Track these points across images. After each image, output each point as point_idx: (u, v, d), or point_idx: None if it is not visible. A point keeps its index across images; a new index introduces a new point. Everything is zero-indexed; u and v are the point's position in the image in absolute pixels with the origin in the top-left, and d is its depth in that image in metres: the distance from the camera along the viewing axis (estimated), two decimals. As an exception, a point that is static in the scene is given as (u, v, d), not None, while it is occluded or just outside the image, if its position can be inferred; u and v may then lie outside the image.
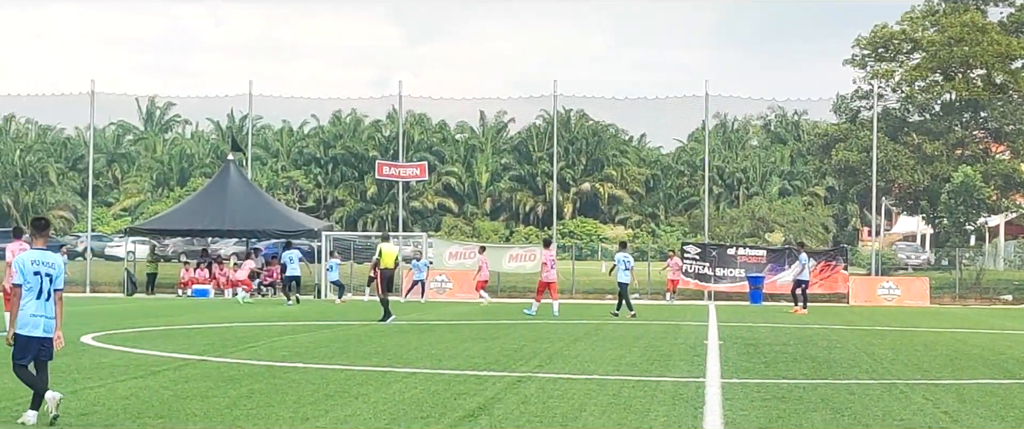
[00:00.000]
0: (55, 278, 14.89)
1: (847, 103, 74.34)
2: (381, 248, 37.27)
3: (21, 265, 14.73)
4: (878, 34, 72.22)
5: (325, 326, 34.61)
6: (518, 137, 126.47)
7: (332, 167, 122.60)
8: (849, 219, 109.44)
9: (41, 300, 14.77)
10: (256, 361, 23.00)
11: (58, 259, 15.10)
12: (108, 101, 76.28)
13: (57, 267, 14.95)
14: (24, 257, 14.83)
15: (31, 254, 14.90)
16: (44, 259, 14.87)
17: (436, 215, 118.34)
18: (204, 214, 61.22)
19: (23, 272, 14.72)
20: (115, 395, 17.51)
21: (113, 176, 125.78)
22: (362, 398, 17.52)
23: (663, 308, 51.70)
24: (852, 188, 77.16)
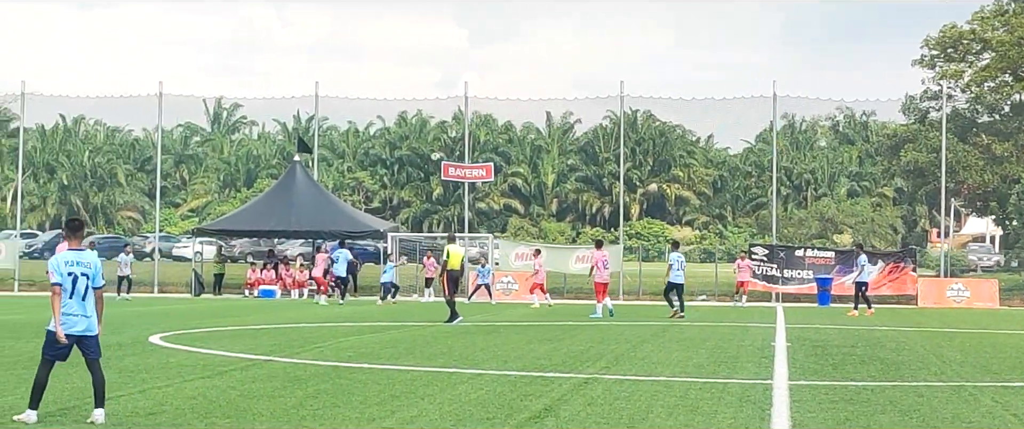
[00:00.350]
0: (92, 277, 15.01)
1: (916, 104, 73.73)
2: (448, 250, 37.12)
3: (55, 266, 14.89)
4: (947, 34, 71.61)
5: (392, 327, 34.64)
6: (584, 138, 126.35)
7: (398, 168, 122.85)
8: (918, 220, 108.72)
9: (75, 299, 14.87)
10: (322, 362, 23.04)
11: (94, 258, 15.22)
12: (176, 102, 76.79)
13: (93, 266, 15.06)
14: (58, 258, 14.97)
15: (65, 255, 15.02)
16: (78, 259, 14.97)
17: (502, 216, 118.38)
18: (270, 215, 61.43)
19: (59, 272, 14.85)
20: (183, 395, 17.57)
21: (181, 177, 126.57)
22: (428, 399, 17.51)
23: (730, 310, 51.41)
24: (921, 189, 76.53)
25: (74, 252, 15.07)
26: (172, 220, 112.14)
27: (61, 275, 14.83)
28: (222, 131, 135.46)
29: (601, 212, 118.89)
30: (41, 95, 72.69)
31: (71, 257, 14.96)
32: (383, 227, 64.79)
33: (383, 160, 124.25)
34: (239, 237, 71.72)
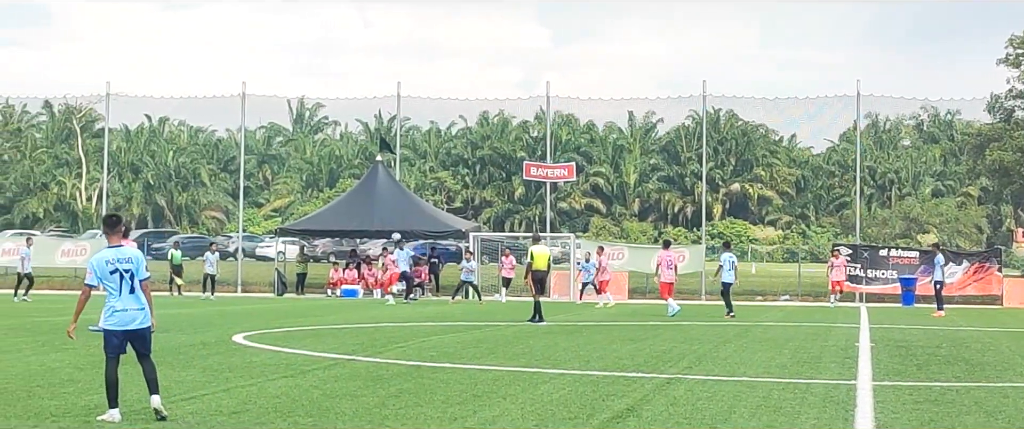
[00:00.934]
0: (136, 270, 15.08)
1: (1001, 103, 72.91)
2: (533, 251, 37.00)
3: (96, 265, 15.02)
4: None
5: (474, 327, 34.66)
6: (666, 137, 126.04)
7: (480, 168, 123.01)
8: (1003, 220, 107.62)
9: (124, 294, 15.00)
10: (405, 361, 23.08)
11: (135, 252, 15.30)
12: (259, 103, 77.19)
13: (135, 260, 15.12)
14: (99, 257, 15.09)
15: (105, 253, 15.12)
16: (118, 256, 15.05)
17: (584, 216, 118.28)
18: (352, 215, 61.65)
19: (97, 272, 14.98)
20: (266, 394, 17.65)
21: (263, 177, 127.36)
22: (510, 398, 17.49)
23: (814, 310, 51.00)
24: (1006, 189, 75.69)
25: (113, 249, 15.15)
26: (255, 220, 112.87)
27: (99, 275, 14.96)
28: (305, 131, 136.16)
29: (683, 212, 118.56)
30: (125, 96, 73.34)
31: (111, 255, 15.06)
32: (465, 227, 64.87)
33: (465, 160, 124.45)
34: (321, 237, 72.02)
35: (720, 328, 35.11)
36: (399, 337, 29.66)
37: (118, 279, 14.94)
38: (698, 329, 34.50)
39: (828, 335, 32.74)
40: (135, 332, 15.09)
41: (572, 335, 31.15)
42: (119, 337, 14.97)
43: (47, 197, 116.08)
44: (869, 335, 32.66)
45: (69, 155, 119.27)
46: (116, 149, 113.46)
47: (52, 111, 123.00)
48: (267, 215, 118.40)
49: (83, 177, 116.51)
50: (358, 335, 30.32)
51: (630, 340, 29.40)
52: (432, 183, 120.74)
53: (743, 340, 30.07)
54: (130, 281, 14.99)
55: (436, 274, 61.27)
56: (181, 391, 17.84)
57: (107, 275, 14.92)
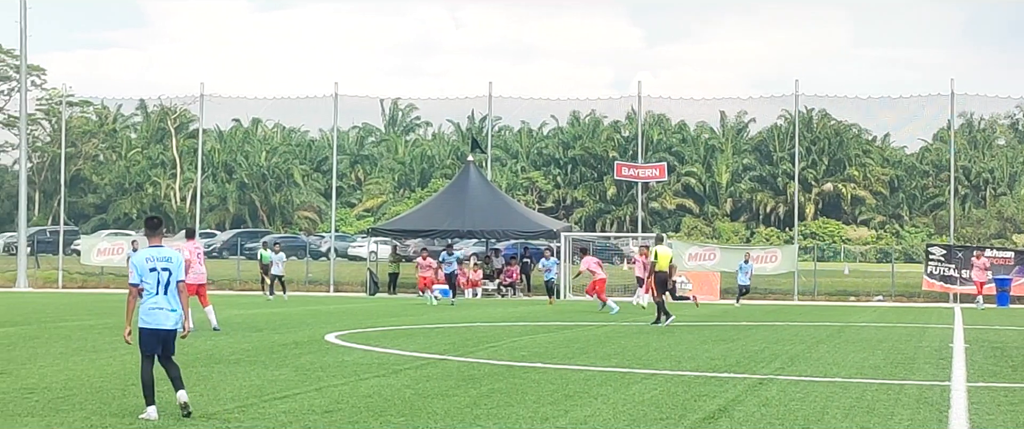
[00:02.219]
0: (174, 271, 15.35)
1: (1100, 101, 71.92)
2: (656, 251, 36.51)
3: (137, 264, 15.32)
4: None
5: (565, 327, 34.66)
6: (759, 137, 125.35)
7: (571, 168, 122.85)
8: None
9: (161, 294, 15.26)
10: (496, 361, 23.11)
11: (174, 253, 15.60)
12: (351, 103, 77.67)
13: (174, 260, 15.41)
14: (139, 256, 15.41)
15: (145, 252, 15.44)
16: (158, 255, 15.34)
17: (675, 216, 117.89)
18: (444, 215, 61.80)
19: (138, 270, 15.27)
20: (358, 393, 17.73)
21: (356, 177, 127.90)
22: (601, 399, 17.48)
23: (908, 310, 50.48)
24: (1105, 187, 74.66)
25: (154, 249, 15.46)
26: (347, 220, 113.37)
27: (141, 274, 15.25)
28: (397, 132, 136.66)
29: (775, 212, 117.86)
30: (219, 97, 74.03)
31: (152, 254, 15.36)
32: (556, 227, 64.85)
33: (556, 160, 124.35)
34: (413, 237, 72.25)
35: (813, 328, 34.91)
36: (491, 337, 29.72)
37: (156, 278, 15.24)
38: (791, 329, 34.32)
39: (922, 336, 32.45)
40: (165, 332, 15.35)
41: (664, 335, 31.07)
42: (157, 336, 15.28)
43: (142, 197, 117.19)
44: (963, 336, 32.34)
45: (164, 156, 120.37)
46: (210, 150, 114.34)
47: (147, 112, 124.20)
48: (359, 215, 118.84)
49: (177, 178, 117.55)
50: (450, 335, 30.40)
51: (722, 340, 29.30)
52: (523, 183, 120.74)
53: (836, 341, 29.88)
54: (166, 281, 15.29)
55: (527, 274, 61.30)
56: (274, 390, 17.97)
57: (146, 273, 15.23)
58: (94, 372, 20.18)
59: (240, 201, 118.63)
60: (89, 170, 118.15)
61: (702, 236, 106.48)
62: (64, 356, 22.93)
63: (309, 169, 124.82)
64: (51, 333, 28.75)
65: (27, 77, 75.21)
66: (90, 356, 23.11)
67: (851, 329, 35.05)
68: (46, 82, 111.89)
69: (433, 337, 29.47)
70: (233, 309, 42.41)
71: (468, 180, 63.47)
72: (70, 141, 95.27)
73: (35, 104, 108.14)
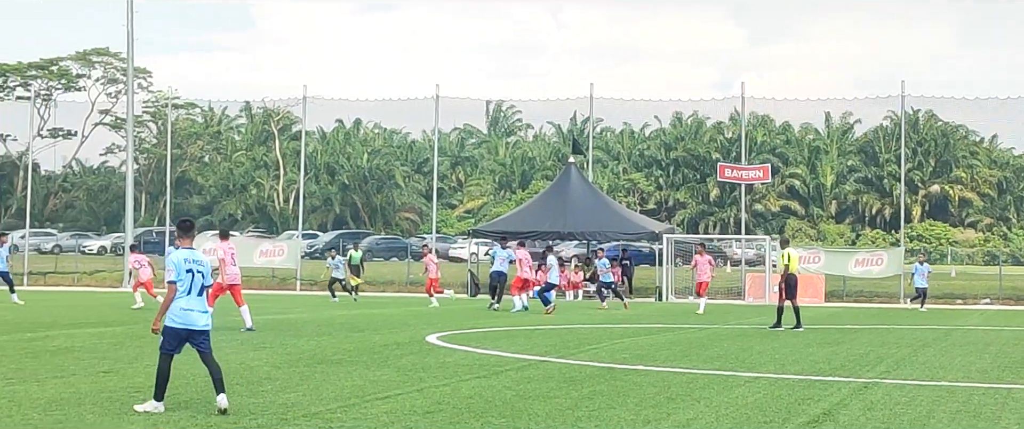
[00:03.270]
0: (206, 275, 15.77)
1: None
2: (789, 253, 35.85)
3: (176, 263, 15.61)
4: None
5: (667, 329, 34.48)
6: (864, 138, 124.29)
7: (673, 169, 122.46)
8: None
9: (192, 295, 15.59)
10: (598, 363, 23.01)
11: (205, 257, 16.06)
12: (452, 105, 77.75)
13: (206, 265, 15.88)
14: (178, 256, 15.69)
15: (183, 253, 15.76)
16: (194, 257, 15.75)
17: (779, 218, 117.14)
18: (545, 216, 61.67)
19: (178, 269, 15.57)
20: (459, 394, 17.70)
21: (457, 179, 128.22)
22: (704, 401, 17.34)
23: (1016, 313, 49.73)
24: None
25: (189, 251, 15.84)
26: (448, 221, 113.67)
27: (179, 273, 15.56)
28: (498, 133, 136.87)
29: (881, 214, 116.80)
30: (321, 99, 74.41)
31: (187, 255, 15.73)
32: (658, 229, 64.57)
33: (658, 161, 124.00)
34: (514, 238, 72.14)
35: (919, 332, 34.49)
36: (592, 339, 29.62)
37: (190, 279, 15.58)
38: (896, 333, 33.93)
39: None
40: (198, 332, 15.65)
41: (767, 338, 30.82)
42: (180, 336, 15.55)
43: (246, 198, 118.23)
44: (1074, 340, 31.81)
45: (267, 157, 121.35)
46: (312, 151, 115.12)
47: (251, 114, 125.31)
48: (460, 216, 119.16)
49: (280, 179, 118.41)
50: (551, 336, 30.32)
51: (826, 343, 29.02)
52: (625, 185, 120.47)
53: (943, 344, 29.50)
54: (200, 282, 15.65)
55: (629, 276, 61.07)
56: (375, 390, 17.98)
57: (183, 273, 15.56)
58: (198, 371, 20.22)
59: (342, 202, 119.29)
60: (194, 171, 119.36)
61: (807, 239, 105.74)
62: (168, 355, 23.05)
63: (410, 170, 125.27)
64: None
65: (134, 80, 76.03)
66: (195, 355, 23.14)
67: (958, 332, 34.61)
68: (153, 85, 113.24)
69: (534, 339, 29.40)
70: (335, 310, 42.62)
71: (569, 182, 63.31)
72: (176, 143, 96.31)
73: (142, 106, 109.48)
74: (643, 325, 36.12)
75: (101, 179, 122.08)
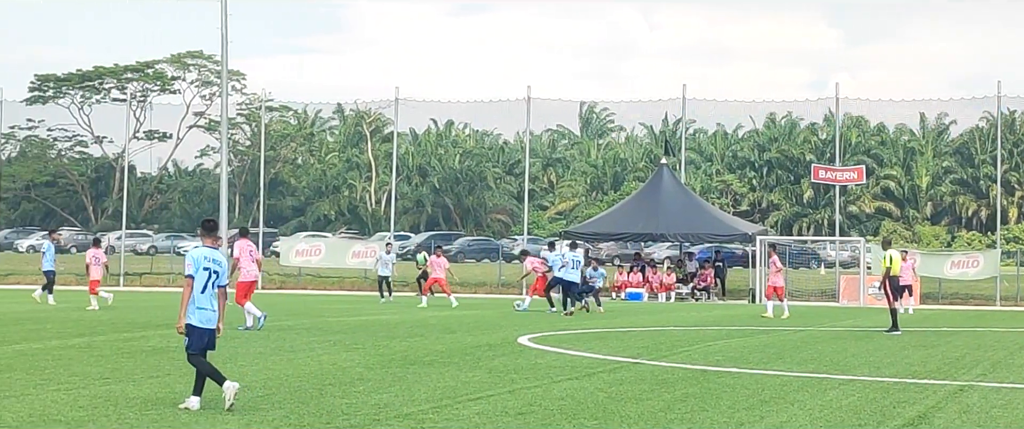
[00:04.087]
0: (220, 275, 16.09)
1: None
2: (891, 255, 35.45)
3: (195, 259, 15.98)
4: None
5: (761, 331, 34.29)
6: (960, 139, 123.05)
7: (767, 170, 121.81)
8: None
9: (207, 294, 15.96)
10: (690, 365, 22.92)
11: (223, 257, 16.35)
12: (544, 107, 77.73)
13: (223, 265, 16.21)
14: (198, 253, 16.07)
15: (203, 251, 16.14)
16: (213, 256, 16.14)
17: (874, 219, 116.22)
18: (637, 218, 61.48)
19: (196, 265, 15.95)
20: (551, 396, 17.69)
21: (548, 180, 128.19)
22: (797, 404, 17.23)
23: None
24: None
25: (209, 249, 16.21)
26: (540, 223, 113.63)
27: (197, 269, 15.92)
28: (590, 135, 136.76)
29: (977, 215, 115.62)
30: (413, 101, 74.69)
31: (208, 253, 16.11)
32: (751, 230, 64.20)
33: (751, 162, 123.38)
34: (606, 240, 72.09)
35: (1016, 334, 34.08)
36: (684, 341, 29.51)
37: (206, 277, 15.95)
38: (993, 335, 33.55)
39: None
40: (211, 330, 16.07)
41: (861, 341, 30.57)
42: (207, 335, 15.97)
43: (338, 200, 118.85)
44: None
45: (359, 158, 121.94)
46: (404, 153, 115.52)
47: (344, 116, 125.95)
48: (552, 218, 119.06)
49: (372, 180, 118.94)
50: (643, 338, 30.24)
51: (922, 346, 28.76)
52: (718, 186, 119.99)
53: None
54: (214, 282, 16.02)
55: (722, 278, 60.81)
56: (467, 391, 18.01)
57: (200, 270, 15.93)
58: (292, 372, 20.42)
59: (434, 204, 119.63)
60: (287, 173, 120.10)
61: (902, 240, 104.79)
62: (263, 356, 23.24)
63: (502, 172, 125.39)
64: (250, 333, 29.18)
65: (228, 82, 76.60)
66: (288, 356, 23.41)
67: (1056, 336, 34.17)
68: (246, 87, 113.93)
69: (626, 340, 29.34)
70: (427, 311, 42.75)
71: (661, 183, 63.07)
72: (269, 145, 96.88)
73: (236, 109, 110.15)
74: (736, 327, 35.95)
75: (195, 181, 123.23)
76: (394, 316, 38.53)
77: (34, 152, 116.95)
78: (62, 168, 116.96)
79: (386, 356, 23.56)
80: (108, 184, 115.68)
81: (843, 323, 38.22)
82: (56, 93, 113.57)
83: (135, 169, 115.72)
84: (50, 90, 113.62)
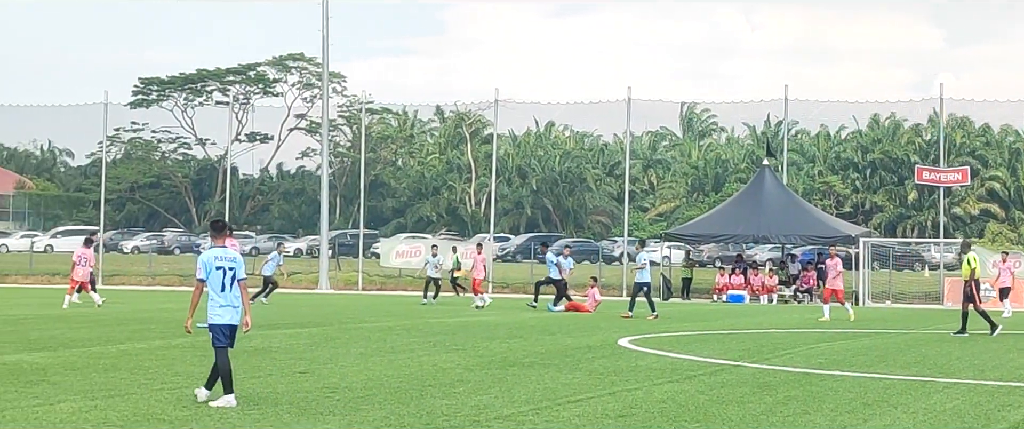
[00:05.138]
0: (236, 270, 16.41)
1: None
2: (972, 257, 35.07)
3: (205, 262, 16.41)
4: None
5: (862, 334, 33.99)
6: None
7: (870, 172, 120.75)
8: None
9: (225, 292, 16.34)
10: (792, 368, 22.76)
11: (236, 254, 16.70)
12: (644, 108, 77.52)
13: (237, 261, 16.54)
14: (207, 255, 16.50)
15: (213, 251, 16.54)
16: (224, 255, 16.54)
17: (979, 221, 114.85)
18: (738, 220, 61.20)
19: (206, 268, 16.37)
20: (652, 398, 17.62)
21: (648, 181, 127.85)
22: (901, 408, 17.06)
23: None
24: None
25: (219, 249, 16.59)
26: (640, 224, 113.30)
27: (209, 271, 16.34)
28: (692, 136, 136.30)
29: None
30: (513, 102, 74.80)
31: (218, 253, 16.50)
32: (854, 232, 63.67)
33: (854, 164, 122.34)
34: (707, 242, 71.85)
35: (1125, 339, 33.52)
36: (786, 343, 29.30)
37: (220, 276, 16.34)
38: (1101, 339, 33.03)
39: None
40: (232, 326, 16.44)
41: (965, 344, 30.19)
42: (226, 331, 16.33)
43: (438, 201, 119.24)
44: None
45: (459, 160, 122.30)
46: (504, 154, 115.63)
47: (443, 118, 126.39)
48: (652, 219, 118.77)
49: (472, 182, 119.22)
50: (744, 341, 30.06)
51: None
52: (820, 188, 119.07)
53: None
54: (231, 279, 16.37)
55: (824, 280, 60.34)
56: (567, 394, 17.98)
57: (213, 271, 16.33)
58: (392, 372, 20.49)
59: (533, 205, 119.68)
60: (387, 175, 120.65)
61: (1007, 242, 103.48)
62: (364, 356, 23.35)
63: (602, 173, 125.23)
64: (351, 334, 29.35)
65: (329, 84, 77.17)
66: (389, 357, 23.50)
67: None
68: (347, 89, 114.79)
69: (727, 343, 29.18)
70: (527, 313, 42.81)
71: (763, 184, 62.72)
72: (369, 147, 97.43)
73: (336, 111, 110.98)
74: (838, 330, 35.65)
75: (296, 183, 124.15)
76: (493, 317, 38.57)
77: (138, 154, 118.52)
78: (166, 170, 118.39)
79: (486, 357, 23.58)
80: (211, 186, 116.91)
81: (947, 326, 37.77)
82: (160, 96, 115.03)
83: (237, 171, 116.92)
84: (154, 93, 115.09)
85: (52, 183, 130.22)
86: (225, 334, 16.33)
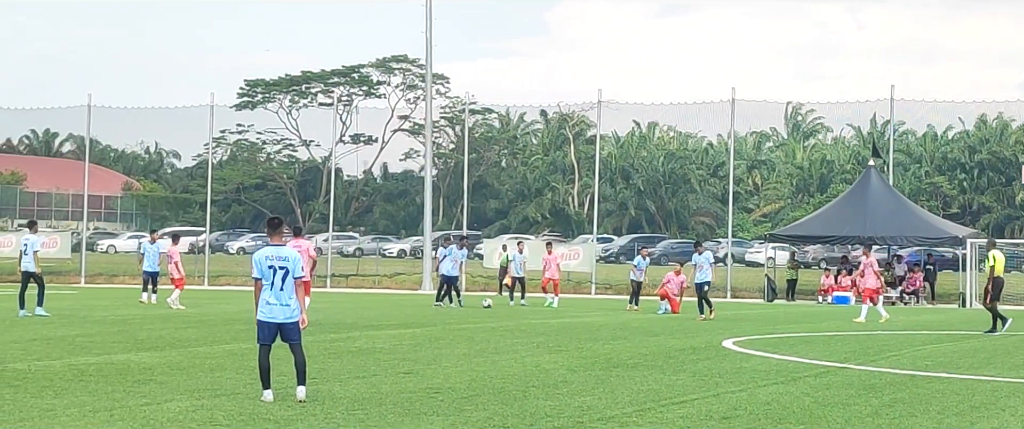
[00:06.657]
0: (292, 269, 16.50)
1: None
2: (995, 255, 34.87)
3: (258, 261, 16.59)
4: None
5: (970, 336, 33.60)
6: None
7: (978, 172, 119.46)
8: None
9: (275, 290, 16.48)
10: (899, 370, 22.55)
11: (292, 252, 16.79)
12: (748, 108, 77.14)
13: (291, 259, 16.66)
14: (260, 254, 16.64)
15: (266, 250, 16.68)
16: (277, 254, 16.67)
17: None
18: (844, 221, 60.74)
19: (259, 267, 16.55)
20: (756, 400, 17.53)
21: (753, 182, 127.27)
22: (1010, 411, 16.87)
23: None
24: None
25: (273, 248, 16.72)
26: (744, 225, 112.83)
27: (261, 270, 16.51)
28: (797, 136, 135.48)
29: None
30: (616, 103, 74.66)
31: (271, 252, 16.63)
32: (961, 233, 62.99)
33: (962, 164, 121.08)
34: (812, 243, 71.30)
35: None
36: (892, 345, 29.03)
37: (272, 274, 16.51)
38: None
39: None
40: (282, 325, 16.54)
41: (1076, 346, 29.76)
42: (269, 328, 16.50)
43: (541, 202, 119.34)
44: None
45: (563, 161, 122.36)
46: (607, 155, 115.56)
47: (547, 119, 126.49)
48: (756, 221, 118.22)
49: (575, 182, 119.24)
50: (850, 342, 29.82)
51: None
52: (927, 188, 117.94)
53: None
54: (283, 278, 16.49)
55: (931, 281, 59.80)
56: (671, 395, 17.93)
57: (265, 269, 16.51)
58: (495, 373, 20.52)
59: (637, 206, 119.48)
60: (491, 176, 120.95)
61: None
62: (467, 357, 23.41)
63: (706, 174, 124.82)
64: (455, 334, 29.44)
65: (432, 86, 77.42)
66: (492, 357, 23.53)
67: None
68: (450, 91, 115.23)
69: (832, 344, 28.96)
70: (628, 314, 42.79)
71: (869, 185, 62.19)
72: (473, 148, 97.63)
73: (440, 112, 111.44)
74: (946, 332, 35.29)
75: (400, 184, 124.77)
76: (597, 318, 38.54)
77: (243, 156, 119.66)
78: (271, 171, 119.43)
79: (589, 358, 23.56)
80: (315, 187, 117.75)
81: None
82: (265, 98, 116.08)
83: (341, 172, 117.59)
84: (259, 95, 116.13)
85: (159, 184, 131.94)
86: (269, 330, 16.55)
